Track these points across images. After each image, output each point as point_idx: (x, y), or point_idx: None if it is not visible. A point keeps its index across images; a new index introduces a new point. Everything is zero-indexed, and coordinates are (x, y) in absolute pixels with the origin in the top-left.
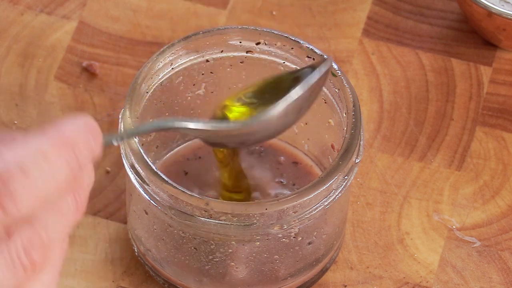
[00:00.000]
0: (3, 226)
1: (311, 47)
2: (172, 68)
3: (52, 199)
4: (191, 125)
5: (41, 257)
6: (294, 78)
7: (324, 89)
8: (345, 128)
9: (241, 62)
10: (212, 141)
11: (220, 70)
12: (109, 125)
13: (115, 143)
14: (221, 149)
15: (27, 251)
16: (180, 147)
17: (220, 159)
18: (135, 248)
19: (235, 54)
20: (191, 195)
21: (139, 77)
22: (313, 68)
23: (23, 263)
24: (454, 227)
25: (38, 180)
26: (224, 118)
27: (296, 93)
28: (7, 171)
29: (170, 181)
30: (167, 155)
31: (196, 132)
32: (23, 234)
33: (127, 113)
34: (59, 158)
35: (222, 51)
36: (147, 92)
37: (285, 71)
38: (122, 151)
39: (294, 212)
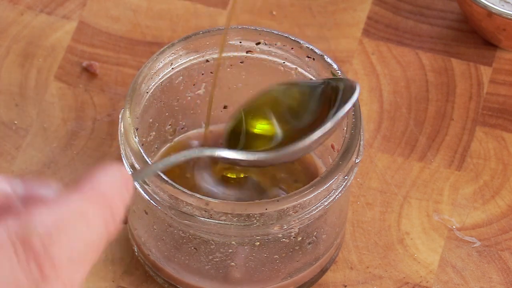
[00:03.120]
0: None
1: (311, 47)
2: (172, 68)
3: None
4: (226, 154)
5: None
6: (313, 90)
7: None
8: (345, 128)
9: (241, 62)
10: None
11: (220, 70)
12: (109, 125)
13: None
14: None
15: None
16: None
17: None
18: (135, 248)
19: (235, 54)
20: (191, 195)
21: (139, 77)
22: (335, 82)
23: None
24: (454, 227)
25: (77, 243)
26: (246, 133)
27: (327, 127)
28: (47, 236)
29: (170, 181)
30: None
31: (226, 160)
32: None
33: (127, 113)
34: (96, 217)
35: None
36: (147, 92)
37: (302, 79)
38: (122, 151)
39: (294, 212)
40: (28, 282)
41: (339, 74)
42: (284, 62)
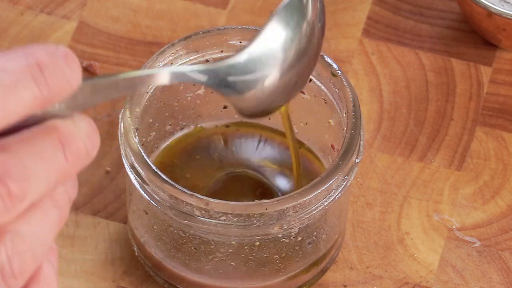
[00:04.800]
0: None
1: None
2: None
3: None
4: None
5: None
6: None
7: (324, 89)
8: (345, 128)
9: None
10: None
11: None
12: (109, 125)
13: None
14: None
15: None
16: None
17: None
18: (135, 248)
19: None
20: (191, 195)
21: None
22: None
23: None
24: (454, 227)
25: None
26: None
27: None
28: None
29: (170, 181)
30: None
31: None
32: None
33: (127, 113)
34: (23, 75)
35: (222, 51)
36: (147, 92)
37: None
38: (122, 151)
39: (294, 212)
40: None
41: (339, 74)
42: None
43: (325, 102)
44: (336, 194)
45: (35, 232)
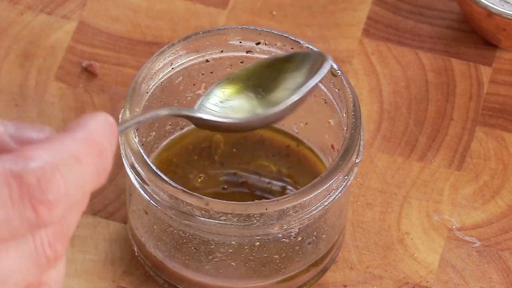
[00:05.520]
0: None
1: (311, 47)
2: (172, 68)
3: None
4: (202, 116)
5: (63, 249)
6: (288, 61)
7: (324, 89)
8: (345, 128)
9: (241, 62)
10: (206, 127)
11: (220, 70)
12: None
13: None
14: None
15: (51, 243)
16: None
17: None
18: (135, 248)
19: (235, 54)
20: (191, 195)
21: (139, 77)
22: (308, 55)
23: (47, 255)
24: (454, 227)
25: (71, 185)
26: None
27: (297, 95)
28: (43, 174)
29: (170, 181)
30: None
31: (200, 121)
32: (48, 229)
33: (127, 113)
34: (89, 162)
35: (222, 51)
36: (147, 92)
37: (279, 55)
38: (122, 151)
39: (294, 212)
40: (21, 222)
41: (339, 74)
42: None
43: (325, 102)
44: (336, 194)
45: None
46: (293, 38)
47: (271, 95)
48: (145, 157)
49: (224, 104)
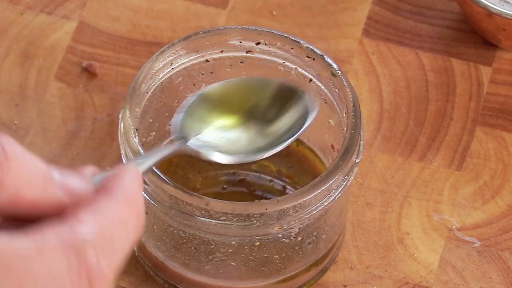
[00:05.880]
0: None
1: (311, 47)
2: (172, 68)
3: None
4: (214, 157)
5: None
6: (278, 91)
7: (324, 89)
8: (345, 128)
9: (241, 62)
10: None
11: (220, 70)
12: (109, 125)
13: None
14: None
15: None
16: None
17: None
18: (135, 248)
19: (235, 54)
20: (191, 195)
21: (139, 77)
22: (296, 89)
23: None
24: (454, 227)
25: (120, 251)
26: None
27: (292, 140)
28: (99, 246)
29: (170, 181)
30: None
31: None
32: None
33: (127, 113)
34: (132, 223)
35: (222, 51)
36: (147, 92)
37: (267, 80)
38: (122, 151)
39: (294, 212)
40: None
41: (339, 74)
42: (284, 62)
43: (325, 102)
44: (336, 194)
45: None
46: (293, 38)
47: (267, 124)
48: None
49: (223, 136)
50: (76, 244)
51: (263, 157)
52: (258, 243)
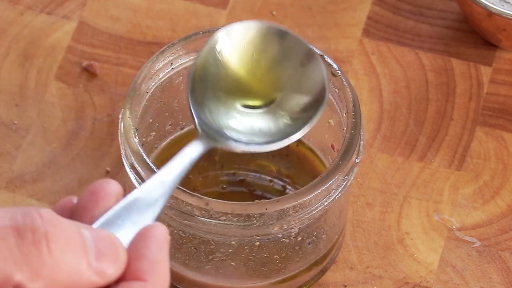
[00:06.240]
0: None
1: (311, 47)
2: (172, 68)
3: None
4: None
5: None
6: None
7: None
8: (345, 128)
9: None
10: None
11: None
12: (109, 125)
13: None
14: None
15: None
16: None
17: None
18: None
19: None
20: (191, 195)
21: (139, 77)
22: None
23: None
24: (454, 227)
25: None
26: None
27: (305, 129)
28: None
29: None
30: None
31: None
32: None
33: (127, 113)
34: None
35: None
36: (147, 92)
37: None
38: (122, 151)
39: (294, 212)
40: None
41: (339, 74)
42: None
43: None
44: (336, 194)
45: None
46: None
47: (277, 101)
48: (145, 157)
49: (243, 122)
50: None
51: (287, 143)
52: (258, 243)
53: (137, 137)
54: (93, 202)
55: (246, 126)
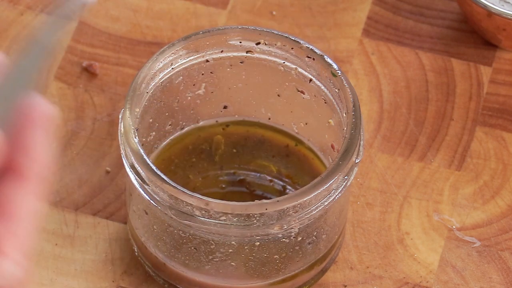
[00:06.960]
0: None
1: (311, 47)
2: (172, 68)
3: None
4: None
5: None
6: None
7: (324, 89)
8: (345, 128)
9: (241, 62)
10: None
11: (220, 70)
12: (109, 125)
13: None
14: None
15: None
16: None
17: None
18: (135, 248)
19: (235, 54)
20: (191, 195)
21: (139, 77)
22: None
23: None
24: (454, 227)
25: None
26: None
27: None
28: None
29: (170, 181)
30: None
31: None
32: None
33: (127, 113)
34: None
35: (222, 51)
36: (147, 92)
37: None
38: (122, 151)
39: (294, 212)
40: None
41: (339, 74)
42: (284, 62)
43: (325, 102)
44: (336, 194)
45: None
46: (293, 38)
47: None
48: (145, 157)
49: None
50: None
51: None
52: (258, 243)
53: (137, 137)
54: None
55: None
